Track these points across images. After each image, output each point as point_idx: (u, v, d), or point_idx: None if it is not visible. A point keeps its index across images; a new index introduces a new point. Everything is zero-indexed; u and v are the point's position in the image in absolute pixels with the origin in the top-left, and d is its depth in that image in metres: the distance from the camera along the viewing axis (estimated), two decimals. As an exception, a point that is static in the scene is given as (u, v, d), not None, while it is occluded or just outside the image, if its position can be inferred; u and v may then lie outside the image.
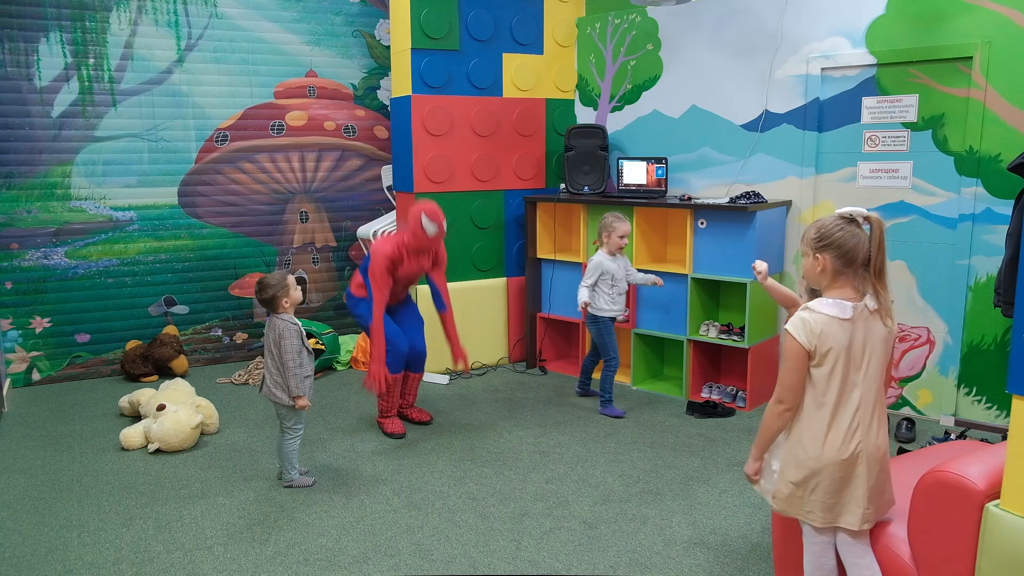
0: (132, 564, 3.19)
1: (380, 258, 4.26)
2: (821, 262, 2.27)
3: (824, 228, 2.28)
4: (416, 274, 4.49)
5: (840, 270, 2.26)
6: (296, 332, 3.69)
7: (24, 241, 5.50)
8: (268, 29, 6.08)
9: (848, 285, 2.28)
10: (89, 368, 5.80)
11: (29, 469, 4.17)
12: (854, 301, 2.27)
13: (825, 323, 2.25)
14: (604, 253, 4.83)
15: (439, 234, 4.28)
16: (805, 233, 2.35)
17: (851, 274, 2.27)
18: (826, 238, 2.26)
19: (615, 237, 4.78)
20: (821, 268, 2.28)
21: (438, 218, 4.25)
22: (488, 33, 5.71)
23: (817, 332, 2.25)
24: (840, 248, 2.24)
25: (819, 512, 2.39)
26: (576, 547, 3.30)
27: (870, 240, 2.24)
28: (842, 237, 2.24)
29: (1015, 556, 2.14)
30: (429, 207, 4.25)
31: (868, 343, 2.30)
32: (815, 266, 2.29)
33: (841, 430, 2.31)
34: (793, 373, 2.31)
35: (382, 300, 4.29)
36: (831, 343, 2.25)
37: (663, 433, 4.61)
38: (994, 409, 4.46)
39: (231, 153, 6.06)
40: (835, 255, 2.25)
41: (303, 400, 3.73)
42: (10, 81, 5.35)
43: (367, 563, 3.19)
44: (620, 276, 4.87)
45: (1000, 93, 4.22)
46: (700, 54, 5.45)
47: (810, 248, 2.30)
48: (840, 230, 2.25)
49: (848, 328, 2.26)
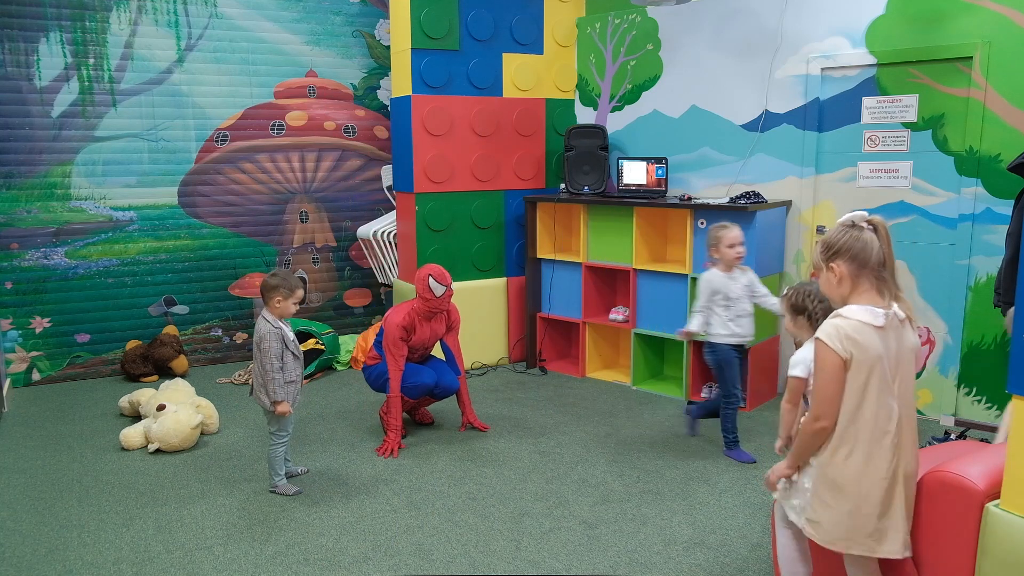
0: (132, 564, 3.19)
1: (393, 327, 4.30)
2: (837, 271, 2.22)
3: (829, 238, 2.25)
4: (430, 340, 4.51)
5: (857, 273, 2.21)
6: (276, 336, 3.64)
7: (24, 241, 5.50)
8: (268, 29, 6.08)
9: (871, 290, 2.22)
10: (89, 368, 5.80)
11: (29, 469, 4.17)
12: (884, 308, 2.20)
13: (859, 329, 2.16)
14: (716, 270, 4.22)
15: (447, 294, 4.33)
16: (814, 254, 2.31)
17: (869, 276, 2.21)
18: (834, 246, 2.23)
19: (724, 248, 4.16)
20: (839, 278, 2.23)
21: (445, 279, 4.31)
22: (488, 33, 5.71)
23: (853, 338, 2.15)
24: (850, 251, 2.20)
25: (861, 539, 2.24)
26: (576, 547, 3.30)
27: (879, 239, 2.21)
28: (848, 240, 2.21)
29: (1015, 556, 2.14)
30: (436, 270, 4.31)
31: (900, 354, 2.22)
32: (832, 279, 2.24)
33: (884, 449, 2.19)
34: (830, 385, 2.19)
35: (398, 369, 4.32)
36: (870, 352, 2.16)
37: (663, 433, 4.61)
38: (994, 409, 4.45)
39: (231, 153, 6.06)
40: (847, 259, 2.20)
41: (283, 406, 3.68)
42: (10, 81, 5.35)
43: (367, 563, 3.19)
44: (737, 295, 4.18)
45: (1000, 93, 4.22)
46: (700, 54, 5.45)
47: (822, 262, 2.26)
48: (845, 235, 2.22)
49: (882, 337, 2.17)
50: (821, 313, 2.88)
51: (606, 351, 5.93)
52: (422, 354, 4.58)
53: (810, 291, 2.90)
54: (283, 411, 3.69)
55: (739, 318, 4.21)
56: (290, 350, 3.71)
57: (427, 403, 4.72)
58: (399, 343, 4.31)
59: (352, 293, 6.70)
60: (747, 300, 4.22)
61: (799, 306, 2.92)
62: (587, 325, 5.74)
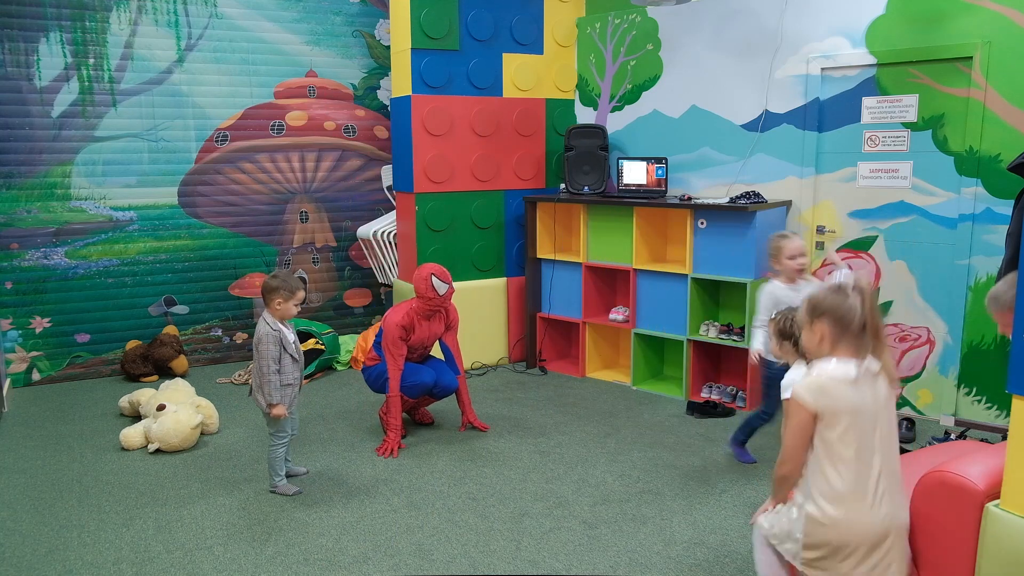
0: (132, 564, 3.19)
1: (392, 326, 4.31)
2: (819, 331, 2.29)
3: (816, 298, 2.31)
4: (429, 340, 4.52)
5: (838, 336, 2.27)
6: (274, 339, 3.63)
7: (24, 241, 5.50)
8: (268, 29, 6.08)
9: (849, 351, 2.28)
10: (89, 368, 5.80)
11: (29, 469, 4.17)
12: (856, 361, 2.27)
13: (831, 382, 2.24)
14: (778, 282, 3.98)
15: (449, 292, 4.34)
16: (800, 309, 2.39)
17: (850, 339, 2.27)
18: (819, 306, 2.29)
19: (785, 259, 3.92)
20: (820, 337, 2.30)
21: (447, 278, 4.32)
22: (488, 33, 5.71)
23: (824, 390, 2.24)
24: (834, 313, 2.26)
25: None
26: (576, 547, 3.30)
27: (862, 306, 2.26)
28: (834, 303, 2.27)
29: (1015, 556, 2.14)
30: (437, 268, 4.32)
31: (877, 405, 2.28)
32: (813, 337, 2.31)
33: (866, 497, 2.25)
34: (796, 435, 2.28)
35: (397, 368, 4.32)
36: (841, 404, 2.23)
37: (663, 433, 4.61)
38: (994, 409, 4.45)
39: (231, 153, 6.06)
40: (830, 321, 2.27)
41: (278, 408, 3.67)
42: (10, 81, 5.35)
43: (367, 563, 3.19)
44: None
45: (1000, 93, 4.22)
46: (700, 54, 5.45)
47: (807, 322, 2.32)
48: (831, 297, 2.28)
49: (855, 390, 2.24)
50: None
51: (606, 351, 5.93)
52: (421, 354, 4.58)
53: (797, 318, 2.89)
54: (278, 414, 3.69)
55: None
56: (289, 353, 3.70)
57: (427, 403, 4.72)
58: (398, 342, 4.31)
59: (352, 293, 6.70)
60: None
61: (786, 332, 2.97)
62: (587, 325, 5.74)
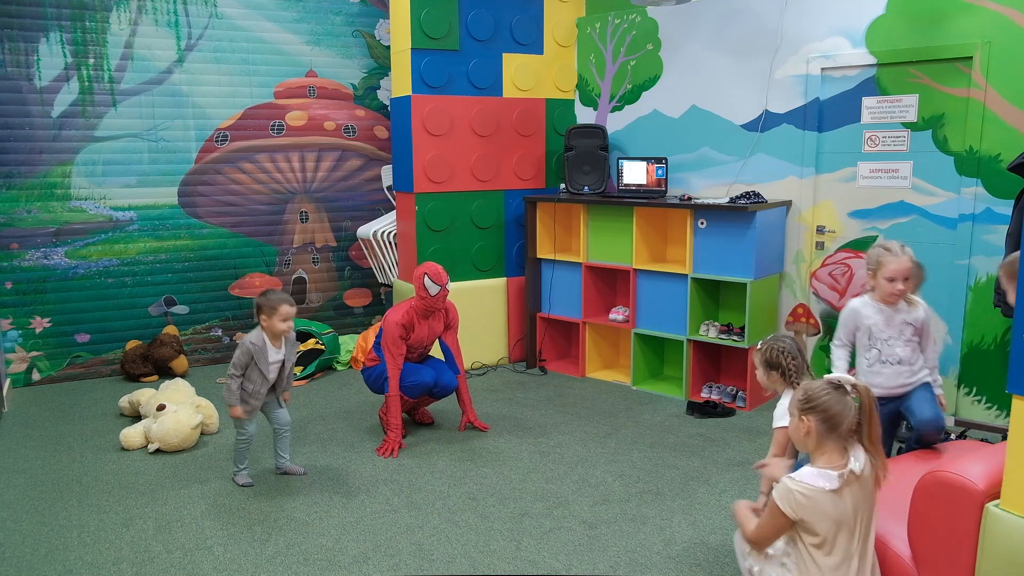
0: (132, 564, 3.19)
1: (392, 325, 4.32)
2: (806, 425, 2.26)
3: (811, 391, 2.27)
4: (429, 339, 4.52)
5: (825, 435, 2.25)
6: (248, 350, 3.74)
7: (24, 241, 5.50)
8: (268, 29, 6.08)
9: (834, 451, 2.26)
10: (89, 368, 5.80)
11: (29, 469, 4.17)
12: (839, 469, 2.24)
13: (811, 494, 2.22)
14: (868, 298, 3.36)
15: (443, 293, 4.33)
16: (794, 395, 2.35)
17: (837, 440, 2.25)
18: (812, 400, 2.25)
19: (882, 279, 3.23)
20: (806, 431, 2.27)
21: (441, 279, 4.30)
22: (488, 33, 5.71)
23: (803, 504, 2.22)
24: (825, 412, 2.23)
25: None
26: (576, 547, 3.30)
27: (859, 410, 2.24)
28: (827, 402, 2.23)
29: (1015, 556, 2.14)
30: (432, 268, 4.31)
31: (859, 509, 2.28)
32: (800, 428, 2.29)
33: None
34: (772, 530, 2.32)
35: (396, 368, 4.33)
36: (820, 517, 2.22)
37: (663, 433, 4.61)
38: (994, 409, 4.45)
39: (231, 153, 6.06)
40: (820, 419, 2.24)
41: (234, 410, 3.79)
42: (10, 81, 5.35)
43: (367, 563, 3.19)
44: (887, 335, 3.30)
45: (1000, 93, 4.22)
46: (700, 54, 5.45)
47: (796, 410, 2.30)
48: (827, 394, 2.24)
49: (836, 500, 2.23)
50: (794, 370, 2.89)
51: (606, 351, 5.93)
52: (421, 353, 4.58)
53: (784, 347, 2.92)
54: (233, 415, 3.81)
55: (887, 365, 3.32)
56: (259, 368, 3.76)
57: (427, 403, 4.72)
58: (398, 341, 4.31)
59: (352, 293, 6.70)
60: (898, 343, 3.30)
61: (773, 362, 2.93)
62: (587, 325, 5.74)
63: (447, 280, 4.35)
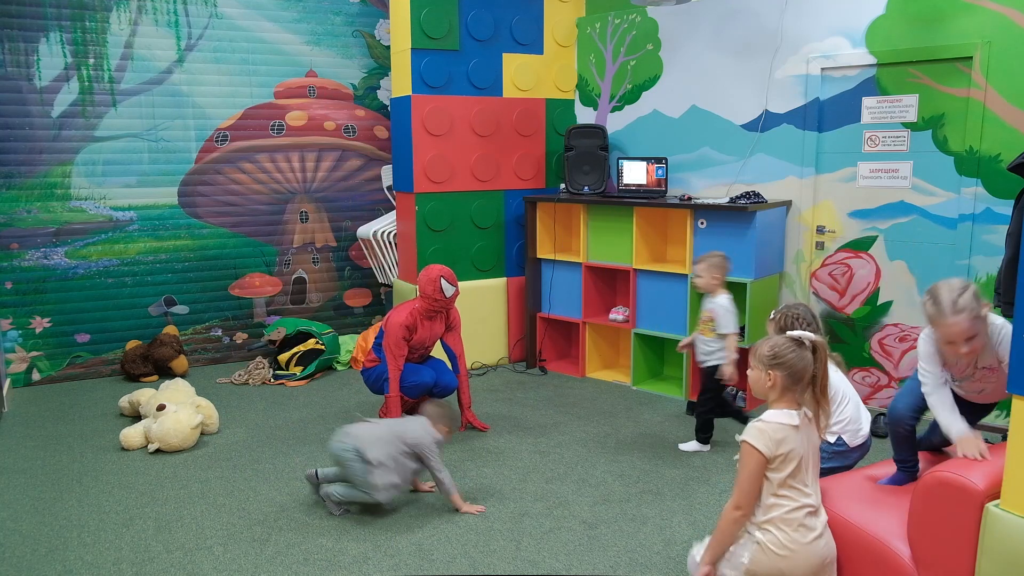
0: (132, 564, 3.19)
1: (395, 326, 4.34)
2: (772, 378, 2.44)
3: (778, 348, 2.44)
4: (430, 340, 4.54)
5: (788, 387, 2.43)
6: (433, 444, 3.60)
7: (24, 241, 5.50)
8: (268, 29, 6.08)
9: (791, 399, 2.45)
10: (89, 368, 5.80)
11: (29, 469, 4.17)
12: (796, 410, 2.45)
13: (781, 430, 2.40)
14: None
15: (455, 295, 4.40)
16: (757, 349, 2.48)
17: (797, 391, 2.44)
18: (779, 358, 2.43)
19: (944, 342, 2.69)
20: (772, 384, 2.44)
21: (454, 280, 4.39)
22: (488, 33, 5.71)
23: (777, 439, 2.38)
24: (791, 368, 2.41)
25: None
26: (576, 547, 3.30)
27: (815, 363, 2.42)
28: (793, 359, 2.41)
29: (1015, 556, 2.14)
30: (446, 271, 4.37)
31: (812, 447, 2.47)
32: (765, 381, 2.46)
33: (814, 529, 2.41)
34: (753, 480, 2.41)
35: (396, 369, 4.35)
36: (789, 447, 2.39)
37: (663, 433, 4.61)
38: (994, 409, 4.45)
39: (231, 153, 6.06)
40: (785, 374, 2.42)
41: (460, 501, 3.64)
42: (10, 81, 5.35)
43: (367, 563, 3.19)
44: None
45: (1000, 93, 4.22)
46: (700, 54, 5.45)
47: (762, 364, 2.46)
48: (792, 352, 2.42)
49: (797, 435, 2.41)
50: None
51: (606, 351, 5.93)
52: (421, 354, 4.58)
53: (798, 314, 3.17)
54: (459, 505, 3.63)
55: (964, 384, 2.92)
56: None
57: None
58: (401, 343, 4.32)
59: (352, 293, 6.70)
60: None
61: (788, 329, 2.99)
62: (587, 325, 5.74)
63: (457, 281, 4.42)
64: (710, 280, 4.25)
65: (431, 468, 3.56)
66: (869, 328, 4.87)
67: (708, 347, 4.26)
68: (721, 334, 4.21)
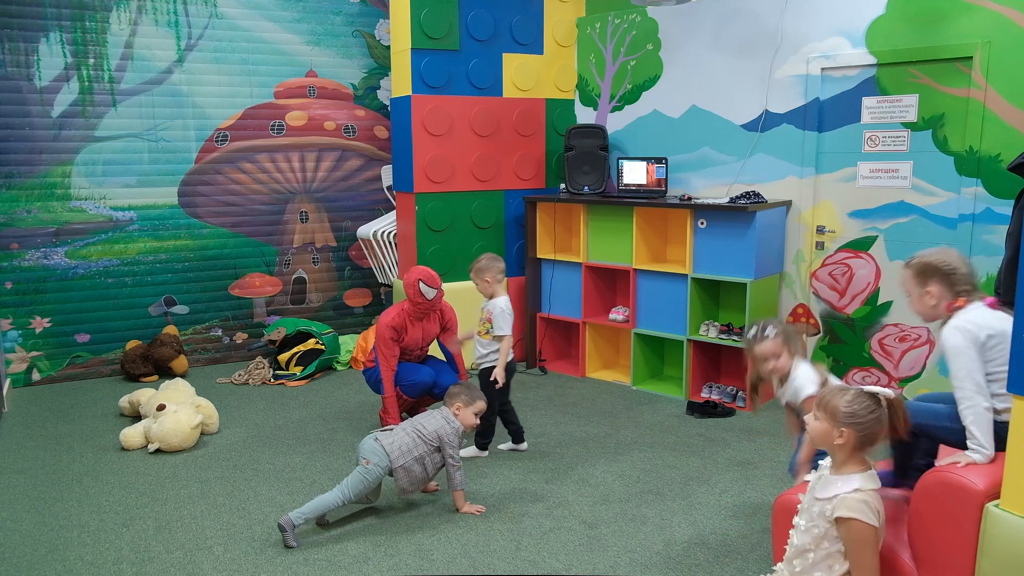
0: (132, 564, 3.19)
1: (383, 327, 4.33)
2: (845, 436, 2.26)
3: (856, 406, 2.26)
4: (424, 340, 4.52)
5: (858, 448, 2.28)
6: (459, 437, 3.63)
7: (24, 241, 5.50)
8: (268, 29, 6.08)
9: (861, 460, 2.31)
10: (89, 368, 5.80)
11: (29, 469, 4.17)
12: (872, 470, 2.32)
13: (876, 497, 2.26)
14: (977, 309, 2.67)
15: (438, 296, 4.34)
16: (829, 401, 2.29)
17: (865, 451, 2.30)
18: (856, 417, 2.25)
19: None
20: (843, 442, 2.27)
21: (435, 283, 4.31)
22: (488, 33, 5.71)
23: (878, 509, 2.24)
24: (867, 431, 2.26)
25: None
26: (576, 547, 3.30)
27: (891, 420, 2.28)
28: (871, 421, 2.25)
29: (1015, 556, 2.14)
30: (425, 273, 4.31)
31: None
32: (834, 437, 2.28)
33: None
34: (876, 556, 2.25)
35: (389, 369, 4.34)
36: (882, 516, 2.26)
37: (663, 433, 4.61)
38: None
39: (231, 153, 6.06)
40: (859, 435, 2.25)
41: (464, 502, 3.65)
42: (10, 81, 5.35)
43: (367, 563, 3.19)
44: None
45: (1000, 93, 4.22)
46: (700, 54, 5.45)
47: (835, 421, 2.27)
48: (871, 413, 2.25)
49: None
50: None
51: (606, 351, 5.93)
52: (418, 354, 4.58)
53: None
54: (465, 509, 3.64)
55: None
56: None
57: (427, 403, 4.72)
58: (389, 343, 4.32)
59: (352, 293, 6.70)
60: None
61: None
62: (587, 325, 5.74)
63: (441, 283, 4.36)
64: (484, 284, 4.27)
65: (447, 458, 3.57)
66: (869, 328, 4.87)
67: (484, 348, 4.26)
68: (497, 336, 4.21)
